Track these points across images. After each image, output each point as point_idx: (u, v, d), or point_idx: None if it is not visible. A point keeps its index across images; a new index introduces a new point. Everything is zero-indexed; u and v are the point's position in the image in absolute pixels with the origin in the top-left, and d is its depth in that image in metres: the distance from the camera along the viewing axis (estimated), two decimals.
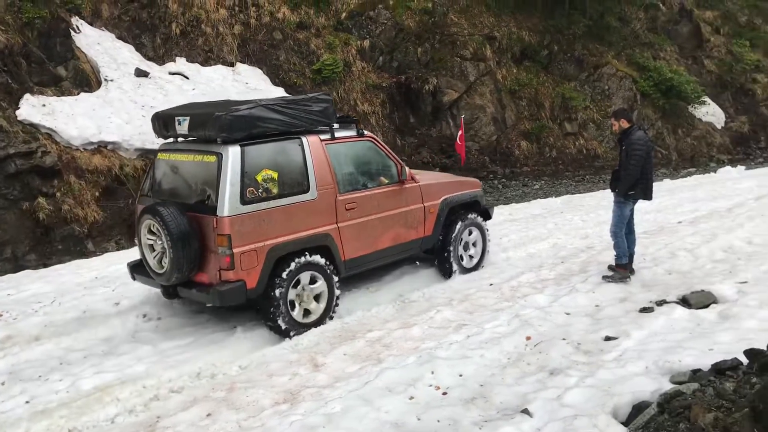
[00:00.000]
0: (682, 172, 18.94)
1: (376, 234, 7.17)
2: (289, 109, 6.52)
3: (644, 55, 22.17)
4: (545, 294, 6.97)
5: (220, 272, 6.05)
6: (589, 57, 20.74)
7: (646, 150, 7.16)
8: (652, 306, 6.37)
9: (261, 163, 6.25)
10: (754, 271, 7.27)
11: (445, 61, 17.54)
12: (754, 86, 24.79)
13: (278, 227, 6.29)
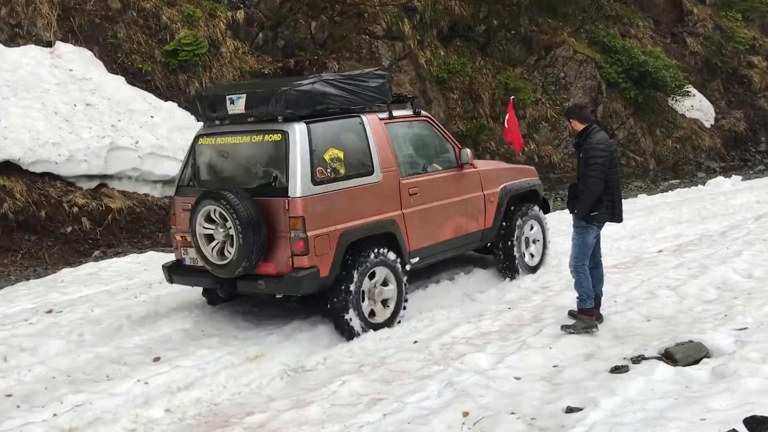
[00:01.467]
0: (662, 184, 19.83)
1: (438, 223, 8.73)
2: (347, 84, 8.02)
3: (610, 32, 23.20)
4: (487, 353, 7.05)
5: (293, 258, 7.37)
6: (540, 35, 21.50)
7: (609, 156, 7.37)
8: (627, 364, 6.57)
9: (327, 141, 7.68)
10: (755, 314, 7.63)
11: (348, 40, 17.73)
12: (749, 72, 26.42)
13: (347, 211, 7.71)
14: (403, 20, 18.77)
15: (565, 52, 21.33)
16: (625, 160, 20.96)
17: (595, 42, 22.60)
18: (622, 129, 21.46)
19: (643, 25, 25.08)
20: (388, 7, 18.67)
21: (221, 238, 7.50)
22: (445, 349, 7.33)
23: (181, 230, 8.20)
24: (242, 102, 7.78)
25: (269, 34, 17.32)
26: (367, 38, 18.04)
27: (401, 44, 18.48)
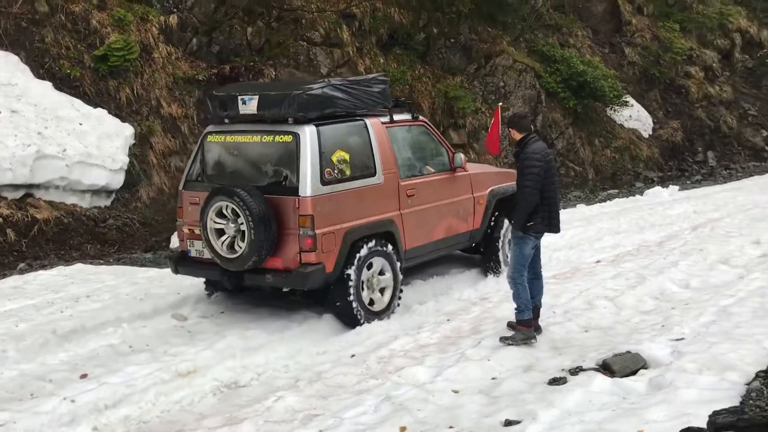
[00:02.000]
0: (600, 194, 20.18)
1: (432, 223, 9.50)
2: (353, 89, 8.71)
3: (549, 41, 23.56)
4: (426, 366, 7.09)
5: (301, 254, 8.04)
6: (479, 44, 21.73)
7: (545, 165, 7.49)
8: (565, 376, 6.67)
9: (335, 143, 8.40)
10: (692, 324, 7.82)
11: (286, 46, 17.68)
12: (687, 82, 27.06)
13: (352, 210, 8.42)
14: (342, 27, 18.79)
15: (504, 61, 21.56)
16: (565, 170, 21.28)
17: (535, 51, 22.90)
18: (561, 139, 21.78)
19: (581, 35, 25.50)
20: (326, 13, 18.67)
21: (232, 233, 8.15)
22: (383, 362, 7.34)
23: (188, 223, 8.84)
24: (254, 103, 8.40)
25: (203, 40, 17.18)
26: (304, 45, 18.01)
27: (340, 51, 18.50)
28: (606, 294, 9.22)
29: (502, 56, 21.63)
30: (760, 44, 30.65)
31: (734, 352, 6.55)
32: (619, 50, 26.44)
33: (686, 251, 11.37)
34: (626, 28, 27.03)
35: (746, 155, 26.40)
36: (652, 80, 26.34)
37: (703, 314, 8.17)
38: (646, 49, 26.46)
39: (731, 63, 29.73)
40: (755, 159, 26.21)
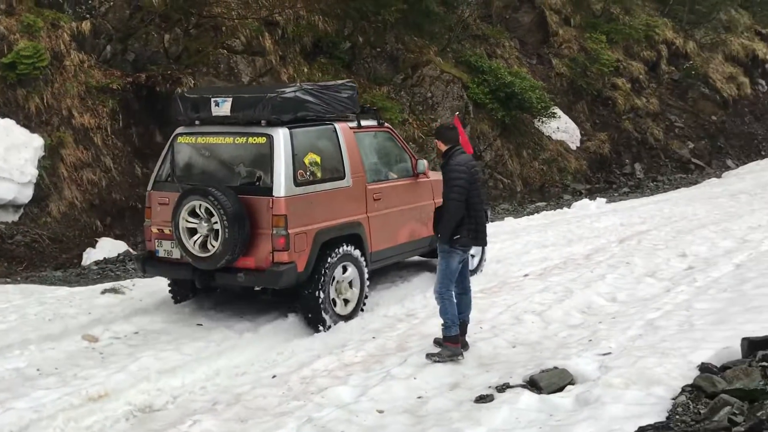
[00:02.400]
0: (529, 207, 20.44)
1: (396, 227, 9.97)
2: (323, 94, 9.16)
3: (476, 51, 23.81)
4: (350, 385, 7.06)
5: (273, 254, 8.42)
6: (406, 53, 21.85)
7: (470, 177, 7.58)
8: (492, 393, 6.70)
9: (306, 146, 8.85)
10: (619, 338, 7.95)
11: (205, 54, 17.49)
12: (614, 94, 27.64)
13: (323, 212, 8.86)
14: (264, 35, 18.67)
15: (432, 72, 21.71)
16: (493, 183, 21.51)
17: (462, 62, 23.11)
18: (489, 150, 22.00)
19: (509, 46, 25.84)
20: (248, 20, 18.53)
21: (204, 232, 8.49)
22: (306, 383, 7.28)
23: (157, 223, 9.13)
24: (228, 105, 8.81)
25: (118, 47, 16.88)
26: (225, 53, 17.83)
27: (262, 60, 18.38)
28: (533, 308, 9.32)
29: (429, 66, 21.79)
30: (685, 56, 31.49)
31: (660, 366, 6.66)
32: (547, 61, 26.87)
33: (613, 264, 11.58)
34: (553, 39, 27.50)
35: (673, 167, 27.08)
36: (580, 92, 26.81)
37: (630, 328, 8.32)
38: (573, 60, 26.94)
39: (658, 75, 30.48)
40: (682, 171, 26.90)
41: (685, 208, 17.48)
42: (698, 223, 15.22)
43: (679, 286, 10.27)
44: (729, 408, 5.22)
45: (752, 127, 32.03)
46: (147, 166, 15.94)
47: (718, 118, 30.44)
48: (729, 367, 6.18)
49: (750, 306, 8.56)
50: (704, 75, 31.17)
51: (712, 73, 31.61)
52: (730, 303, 8.92)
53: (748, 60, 34.19)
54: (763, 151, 30.78)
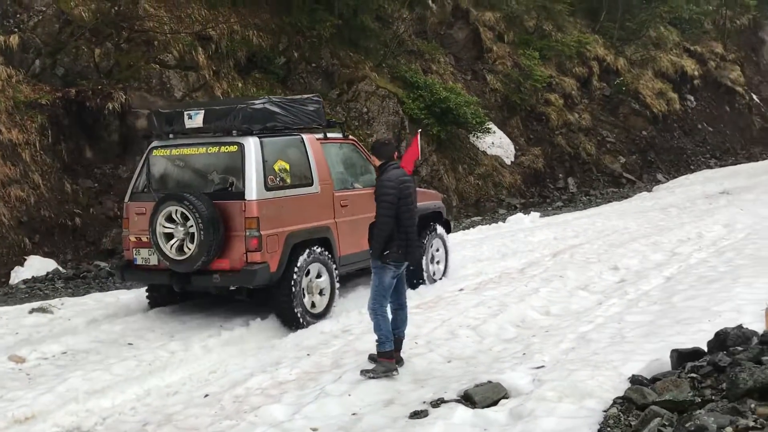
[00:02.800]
0: (464, 221, 20.58)
1: (362, 233, 9.39)
2: (290, 107, 9.97)
3: (412, 67, 23.97)
4: (284, 403, 6.99)
5: (247, 255, 9.04)
6: (341, 69, 21.88)
7: (399, 193, 7.59)
8: (427, 408, 6.69)
9: (276, 154, 9.54)
10: (552, 351, 8.03)
11: (137, 69, 17.28)
12: (547, 109, 28.05)
13: (292, 216, 9.50)
14: (197, 49, 18.51)
15: (367, 87, 21.78)
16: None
17: (398, 77, 23.24)
18: (425, 165, 22.11)
19: (444, 62, 26.06)
20: (181, 35, 18.38)
21: (181, 236, 9.10)
22: (239, 401, 7.20)
23: (134, 232, 9.76)
24: (200, 117, 9.54)
25: (47, 62, 16.60)
26: (157, 67, 17.63)
27: (195, 75, 18.22)
28: (468, 323, 9.36)
29: (364, 82, 21.86)
30: (616, 72, 32.17)
31: (592, 378, 6.73)
32: (481, 77, 27.15)
33: (547, 278, 11.70)
34: (488, 55, 27.81)
35: (605, 181, 27.57)
36: (514, 107, 27.14)
37: (563, 341, 8.40)
38: (507, 76, 27.27)
39: (590, 90, 31.07)
40: (613, 185, 27.40)
41: (617, 222, 17.79)
42: (629, 237, 15.49)
43: (611, 299, 10.43)
44: (659, 419, 5.29)
45: (681, 142, 32.84)
46: (77, 183, 15.67)
47: (648, 133, 31.12)
48: (659, 378, 6.27)
49: (679, 318, 8.72)
50: (635, 91, 31.88)
51: (642, 89, 32.33)
52: (661, 315, 9.07)
53: (677, 76, 35.09)
54: (693, 165, 31.56)
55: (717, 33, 42.11)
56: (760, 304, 8.37)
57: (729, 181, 26.04)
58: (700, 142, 34.19)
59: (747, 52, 46.70)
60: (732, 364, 5.85)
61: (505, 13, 29.30)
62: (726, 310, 8.69)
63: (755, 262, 11.55)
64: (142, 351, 8.64)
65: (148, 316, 9.99)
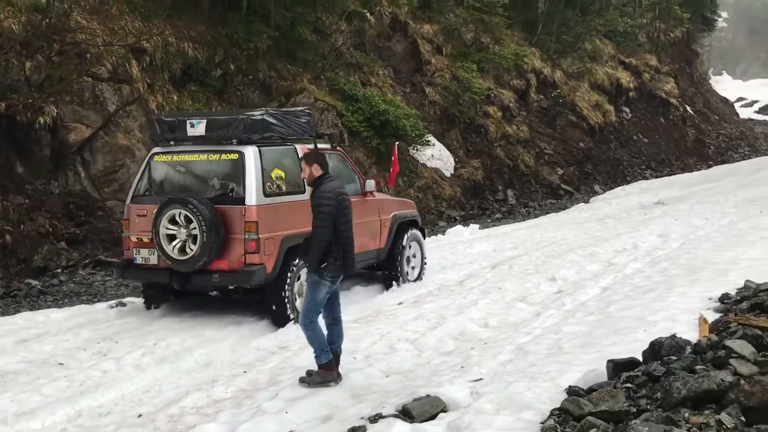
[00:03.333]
0: None
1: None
2: (285, 118, 10.80)
3: (350, 79, 23.99)
4: (219, 422, 6.91)
5: (245, 256, 9.81)
6: (279, 81, 21.80)
7: (337, 205, 7.63)
8: (364, 424, 6.65)
9: (273, 162, 10.31)
10: (490, 364, 8.06)
11: (69, 82, 16.99)
12: (485, 122, 28.29)
13: (287, 221, 10.18)
14: (131, 62, 18.28)
15: (306, 99, 21.71)
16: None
17: (336, 90, 23.23)
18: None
19: (383, 74, 26.14)
20: (114, 47, 18.12)
21: (183, 237, 9.81)
22: (173, 421, 7.09)
23: (135, 233, 10.46)
24: (203, 126, 10.32)
25: None
26: (90, 81, 17.36)
27: (129, 87, 17.98)
28: (407, 336, 9.37)
29: (303, 94, 21.80)
30: (553, 84, 32.67)
31: (530, 390, 6.77)
32: (420, 90, 27.30)
33: (486, 290, 11.78)
34: (426, 67, 28.00)
35: (543, 193, 27.89)
36: (453, 120, 27.31)
37: (501, 353, 8.45)
38: (446, 89, 27.46)
39: (527, 103, 31.46)
40: (552, 197, 27.72)
41: (554, 233, 17.99)
42: (567, 248, 15.69)
43: (548, 309, 10.53)
44: (595, 430, 5.34)
45: (618, 153, 33.46)
46: (7, 199, 15.32)
47: (585, 144, 31.60)
48: (595, 389, 6.32)
49: (615, 328, 8.82)
50: (571, 103, 32.38)
51: (579, 101, 32.86)
52: (597, 325, 9.17)
53: (613, 88, 35.78)
54: (629, 176, 32.15)
55: (651, 45, 43.09)
56: (693, 313, 8.51)
57: (664, 191, 26.54)
58: (636, 154, 34.86)
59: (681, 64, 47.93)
60: (666, 373, 5.93)
61: (443, 26, 29.56)
62: (661, 319, 8.81)
63: (689, 271, 11.77)
64: (73, 371, 8.44)
65: (79, 335, 9.79)
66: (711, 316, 8.32)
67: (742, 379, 5.52)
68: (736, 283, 10.04)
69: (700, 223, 17.84)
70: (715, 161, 39.01)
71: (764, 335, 6.40)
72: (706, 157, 39.97)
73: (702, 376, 5.52)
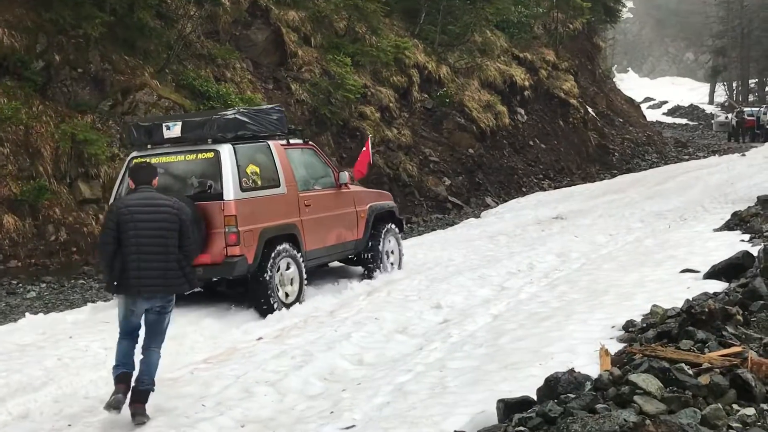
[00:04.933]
0: None
1: (326, 230, 14.06)
2: (257, 116, 13.28)
3: (201, 74, 23.72)
4: None
5: (227, 249, 11.92)
6: (115, 75, 21.34)
7: (118, 219, 8.28)
8: None
9: (247, 159, 12.57)
10: (364, 407, 8.08)
11: None
12: (362, 124, 28.38)
13: (264, 214, 12.54)
14: None
15: (147, 97, 21.32)
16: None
17: (184, 86, 22.87)
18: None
19: (240, 68, 25.89)
20: None
21: None
22: None
23: None
24: (178, 128, 12.50)
25: None
26: None
27: None
28: (267, 378, 9.28)
29: (143, 91, 21.42)
30: (439, 82, 33.02)
31: None
32: (285, 86, 27.20)
33: (360, 321, 11.75)
34: (292, 60, 27.92)
35: (429, 207, 28.12)
36: (324, 121, 27.28)
37: (377, 394, 8.46)
38: (315, 86, 27.42)
39: (409, 103, 31.68)
40: (438, 211, 27.99)
41: (440, 253, 18.17)
42: (454, 269, 15.85)
43: (432, 342, 10.59)
44: None
45: (512, 161, 34.10)
46: None
47: (475, 151, 32.08)
48: None
49: (507, 362, 8.95)
50: (459, 103, 32.82)
51: (468, 101, 33.35)
52: (487, 360, 9.28)
53: (506, 87, 36.49)
54: (524, 187, 32.78)
55: (549, 38, 44.20)
56: (594, 343, 8.70)
57: (563, 204, 27.20)
58: (532, 161, 35.61)
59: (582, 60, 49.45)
60: (563, 414, 6.02)
61: (311, 13, 29.50)
62: (558, 351, 8.99)
63: (590, 295, 12.06)
64: None
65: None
66: (614, 347, 8.53)
67: (648, 418, 5.66)
68: (641, 308, 10.34)
69: (603, 240, 18.34)
70: (619, 170, 40.22)
71: (672, 368, 6.58)
72: (610, 165, 41.22)
73: (603, 417, 5.64)
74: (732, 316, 8.34)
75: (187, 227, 8.54)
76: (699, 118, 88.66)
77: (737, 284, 10.56)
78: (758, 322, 8.43)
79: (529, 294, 13.10)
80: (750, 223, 16.58)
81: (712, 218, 19.21)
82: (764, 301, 8.95)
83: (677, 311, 9.03)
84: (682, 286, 11.58)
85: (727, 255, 12.47)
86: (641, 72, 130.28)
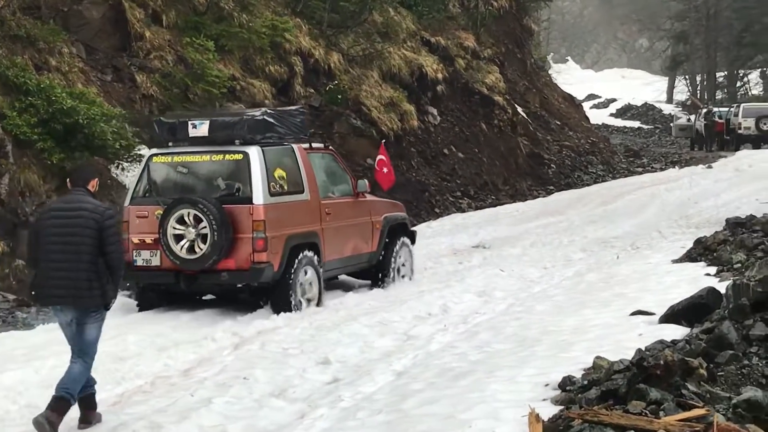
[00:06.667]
0: None
1: (343, 241, 17.07)
2: (283, 118, 16.17)
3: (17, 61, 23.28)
4: None
5: (253, 254, 14.73)
6: None
7: (37, 226, 9.90)
8: None
9: (275, 162, 15.48)
10: None
11: None
12: None
13: (290, 220, 15.45)
14: None
15: None
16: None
17: None
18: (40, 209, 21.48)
19: (69, 53, 25.40)
20: None
21: (192, 237, 14.46)
22: None
23: (135, 234, 15.09)
24: (206, 127, 15.03)
25: None
26: None
27: None
28: None
29: None
30: (328, 73, 32.89)
31: None
32: (129, 77, 26.86)
33: (224, 382, 11.59)
34: (138, 44, 27.55)
35: None
36: None
37: None
38: (167, 76, 27.12)
39: (291, 99, 31.41)
40: None
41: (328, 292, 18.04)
42: (346, 314, 15.76)
43: (317, 408, 10.53)
44: None
45: (422, 174, 34.14)
46: None
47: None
48: None
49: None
50: (355, 100, 32.73)
51: (365, 97, 33.28)
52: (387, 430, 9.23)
53: (414, 80, 36.52)
54: (437, 208, 32.82)
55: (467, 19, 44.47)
56: (523, 406, 8.70)
57: (486, 229, 27.43)
58: (447, 175, 35.72)
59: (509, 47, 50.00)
60: None
61: None
62: (478, 417, 8.99)
63: (518, 345, 12.13)
64: None
65: None
66: (547, 410, 8.56)
67: None
68: (582, 360, 10.43)
69: (536, 275, 18.55)
70: (556, 185, 40.70)
71: None
72: (545, 179, 41.66)
73: None
74: (694, 369, 8.40)
75: (109, 234, 9.60)
76: (655, 120, 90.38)
77: (700, 329, 10.66)
78: (726, 377, 8.51)
79: (442, 344, 13.13)
80: (717, 253, 16.86)
81: (671, 246, 19.59)
82: (733, 351, 8.99)
83: (626, 364, 9.08)
84: (633, 332, 11.73)
85: (689, 293, 12.65)
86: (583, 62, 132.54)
